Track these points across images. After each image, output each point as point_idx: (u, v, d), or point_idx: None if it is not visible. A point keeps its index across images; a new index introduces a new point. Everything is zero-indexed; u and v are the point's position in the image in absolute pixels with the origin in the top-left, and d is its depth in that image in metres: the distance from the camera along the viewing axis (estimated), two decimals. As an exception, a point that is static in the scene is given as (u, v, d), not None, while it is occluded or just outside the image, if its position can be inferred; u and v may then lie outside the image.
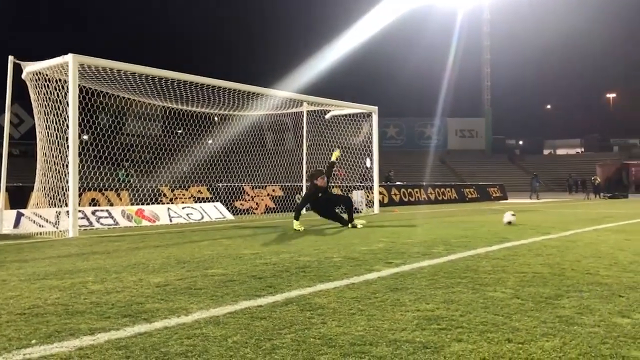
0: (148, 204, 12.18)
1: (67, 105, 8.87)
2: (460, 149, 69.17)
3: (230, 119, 14.87)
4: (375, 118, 16.02)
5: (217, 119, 14.98)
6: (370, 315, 3.16)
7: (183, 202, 13.21)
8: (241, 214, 14.24)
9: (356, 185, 16.94)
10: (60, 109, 9.10)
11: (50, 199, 9.45)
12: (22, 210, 9.86)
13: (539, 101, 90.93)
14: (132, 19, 79.09)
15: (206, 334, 2.78)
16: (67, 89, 8.89)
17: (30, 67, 9.60)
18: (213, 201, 13.71)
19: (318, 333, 2.79)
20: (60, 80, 9.22)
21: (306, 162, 14.95)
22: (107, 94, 11.33)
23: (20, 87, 9.92)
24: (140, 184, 13.21)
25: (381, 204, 17.69)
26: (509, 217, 9.87)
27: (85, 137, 11.17)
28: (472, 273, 4.56)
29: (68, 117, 8.83)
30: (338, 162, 15.50)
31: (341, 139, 16.25)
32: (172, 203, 12.90)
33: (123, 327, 2.93)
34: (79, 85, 9.19)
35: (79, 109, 9.15)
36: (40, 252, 6.51)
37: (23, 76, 9.80)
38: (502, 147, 74.61)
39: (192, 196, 13.89)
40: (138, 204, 12.00)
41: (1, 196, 9.49)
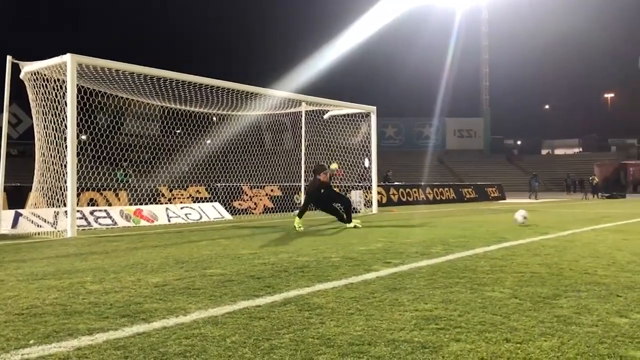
0: (146, 204, 12.16)
1: (66, 105, 8.86)
2: (458, 149, 69.20)
3: (228, 119, 14.87)
4: (373, 118, 16.04)
5: (215, 119, 14.97)
6: (368, 315, 3.17)
7: (181, 202, 13.20)
8: (239, 214, 14.24)
9: (354, 185, 16.95)
10: (59, 108, 9.09)
11: (49, 199, 9.43)
12: (20, 210, 9.84)
13: (537, 101, 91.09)
14: (130, 18, 79.07)
15: (205, 334, 2.78)
16: (66, 88, 8.88)
17: (28, 67, 9.59)
18: (211, 201, 13.70)
19: (316, 333, 2.80)
20: (59, 80, 9.21)
21: (304, 162, 14.94)
22: (106, 94, 11.32)
23: (19, 87, 9.91)
24: (139, 184, 13.18)
25: (379, 204, 17.70)
26: (521, 217, 9.72)
27: (83, 137, 11.16)
28: (471, 273, 4.57)
29: (66, 117, 8.82)
30: (338, 164, 15.52)
31: (339, 139, 16.26)
32: (171, 203, 12.89)
33: (121, 327, 2.93)
34: (77, 85, 9.18)
35: (77, 109, 9.16)
36: (39, 252, 6.50)
37: (21, 76, 9.79)
38: (500, 147, 74.68)
39: (190, 196, 13.89)
40: (136, 204, 11.99)
41: (-1, 196, 9.48)
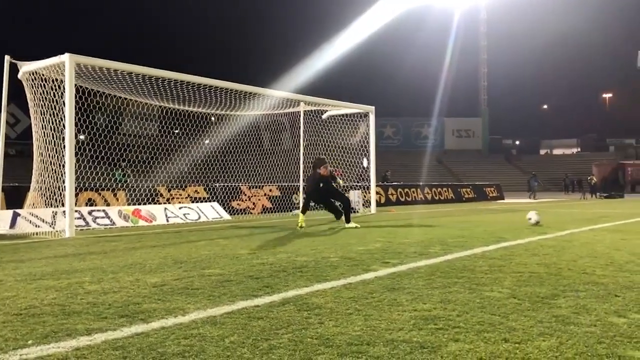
0: (145, 204, 12.15)
1: (64, 105, 8.85)
2: (457, 149, 69.22)
3: (227, 118, 14.86)
4: (372, 118, 16.05)
5: (214, 118, 14.96)
6: (367, 315, 3.17)
7: (180, 202, 13.19)
8: (238, 214, 14.23)
9: (353, 185, 16.95)
10: (57, 108, 9.08)
11: (47, 199, 9.42)
12: (18, 211, 9.83)
13: (535, 101, 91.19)
14: (129, 18, 79.02)
15: (203, 334, 2.78)
16: (64, 88, 8.87)
17: (26, 67, 9.57)
18: (210, 201, 13.70)
19: (315, 333, 2.79)
20: (57, 80, 9.20)
21: (303, 162, 14.94)
22: (104, 93, 11.31)
23: (17, 87, 9.90)
24: (137, 184, 13.17)
25: (378, 203, 17.71)
26: (535, 218, 9.70)
27: (81, 137, 11.16)
28: (469, 273, 4.57)
29: (64, 116, 8.81)
30: (336, 163, 15.53)
31: (338, 139, 16.26)
32: (169, 203, 12.88)
33: (120, 327, 2.93)
34: (76, 85, 9.17)
35: (76, 108, 9.14)
36: (37, 252, 6.49)
37: (19, 76, 9.77)
38: (498, 147, 74.72)
39: (189, 196, 13.87)
40: (135, 204, 11.97)
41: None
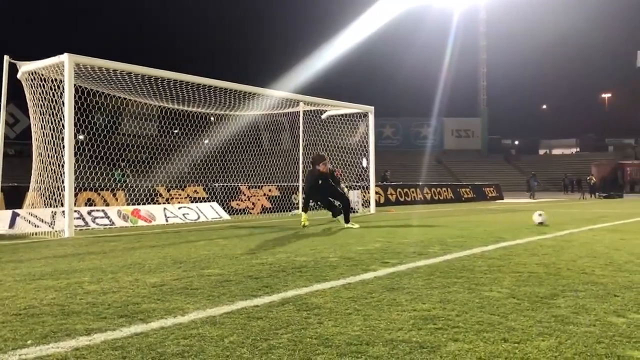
0: (144, 204, 12.15)
1: (63, 105, 8.85)
2: (456, 149, 69.24)
3: (226, 118, 14.86)
4: (371, 118, 16.05)
5: (213, 118, 14.96)
6: (366, 315, 3.17)
7: (179, 202, 13.19)
8: (237, 213, 14.23)
9: (352, 185, 16.96)
10: (56, 108, 9.08)
11: (46, 199, 9.41)
12: (17, 211, 9.82)
13: (534, 101, 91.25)
14: (129, 18, 78.97)
15: (203, 334, 2.78)
16: (63, 88, 8.87)
17: (25, 67, 9.57)
18: (209, 201, 13.69)
19: (314, 333, 2.80)
20: (56, 80, 9.20)
21: (302, 162, 14.95)
22: (103, 93, 11.31)
23: (16, 87, 9.89)
24: (136, 183, 13.17)
25: (377, 203, 17.71)
26: (539, 218, 9.68)
27: (81, 137, 11.15)
28: (468, 273, 4.58)
29: (64, 116, 8.81)
30: (335, 163, 15.52)
31: (337, 139, 16.26)
32: (168, 203, 12.87)
33: (119, 327, 2.93)
34: (75, 84, 9.17)
35: (75, 108, 9.13)
36: (36, 252, 6.49)
37: (18, 76, 9.77)
38: (498, 147, 74.77)
39: (188, 196, 13.87)
40: (134, 204, 11.97)
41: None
